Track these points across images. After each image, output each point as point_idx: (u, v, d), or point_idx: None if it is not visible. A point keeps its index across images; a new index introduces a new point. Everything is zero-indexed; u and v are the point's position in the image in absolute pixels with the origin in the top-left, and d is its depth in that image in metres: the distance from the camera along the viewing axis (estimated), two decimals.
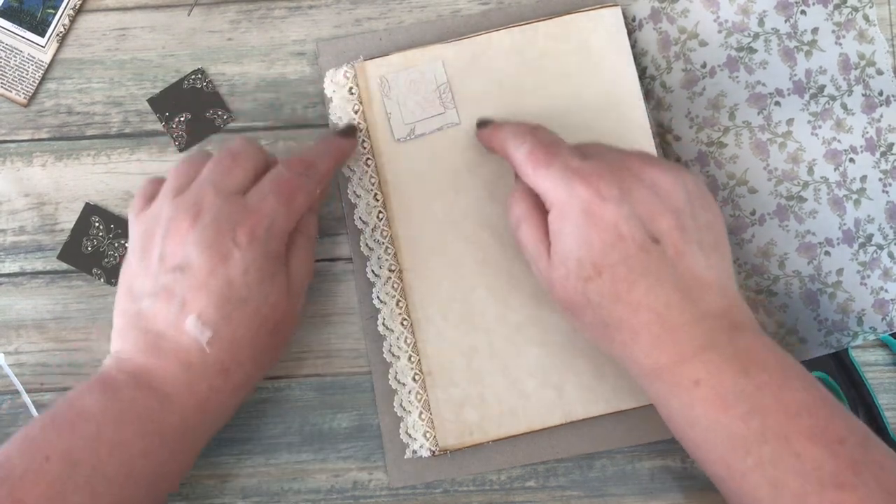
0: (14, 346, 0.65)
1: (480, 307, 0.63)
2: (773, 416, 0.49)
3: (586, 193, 0.52)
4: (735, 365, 0.51)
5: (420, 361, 0.63)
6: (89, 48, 0.67)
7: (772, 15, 0.63)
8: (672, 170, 0.54)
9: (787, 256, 0.63)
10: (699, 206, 0.54)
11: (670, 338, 0.52)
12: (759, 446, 0.49)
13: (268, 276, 0.54)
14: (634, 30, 0.65)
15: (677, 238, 0.52)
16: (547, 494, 0.64)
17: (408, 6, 0.67)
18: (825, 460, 0.48)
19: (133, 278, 0.56)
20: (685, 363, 0.52)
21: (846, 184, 0.63)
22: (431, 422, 0.62)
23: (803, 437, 0.48)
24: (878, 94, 0.64)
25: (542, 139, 0.56)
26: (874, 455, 0.48)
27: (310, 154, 0.59)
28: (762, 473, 0.49)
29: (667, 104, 0.65)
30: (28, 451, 0.51)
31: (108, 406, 0.52)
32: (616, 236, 0.52)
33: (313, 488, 0.64)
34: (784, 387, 0.50)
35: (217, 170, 0.56)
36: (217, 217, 0.53)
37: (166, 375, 0.54)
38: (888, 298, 0.62)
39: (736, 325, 0.52)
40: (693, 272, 0.52)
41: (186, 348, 0.54)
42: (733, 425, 0.50)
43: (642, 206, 0.52)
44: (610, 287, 0.52)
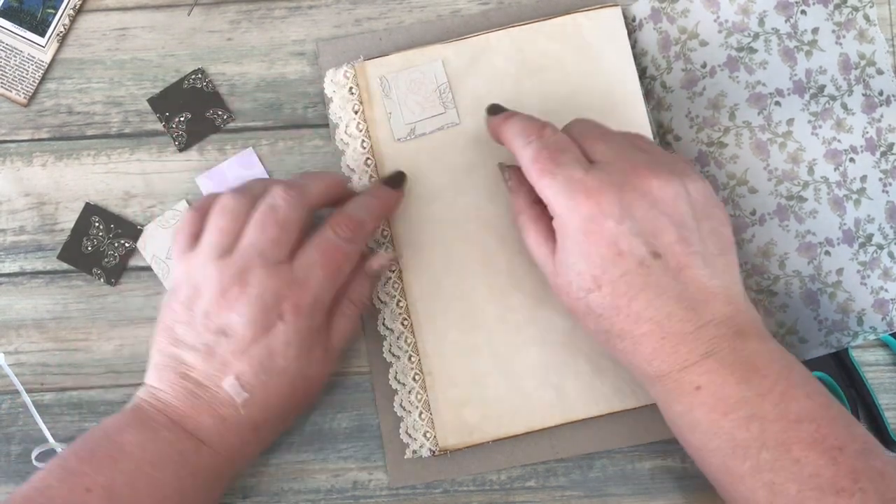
0: (14, 346, 0.65)
1: (480, 307, 0.63)
2: (773, 423, 0.50)
3: (587, 208, 0.52)
4: (737, 372, 0.51)
5: (420, 361, 0.63)
6: (89, 48, 0.67)
7: (772, 15, 0.63)
8: (676, 179, 0.54)
9: (788, 256, 0.63)
10: (704, 215, 0.54)
11: (672, 347, 0.52)
12: (758, 452, 0.49)
13: (306, 350, 0.56)
14: (634, 30, 0.65)
15: (679, 251, 0.52)
16: (547, 494, 0.64)
17: (408, 6, 0.67)
18: (824, 467, 0.48)
19: (176, 322, 0.56)
20: (686, 370, 0.52)
21: (846, 184, 0.63)
22: (431, 422, 0.62)
23: (803, 444, 0.49)
24: (879, 94, 0.64)
25: (549, 143, 0.55)
26: (875, 463, 0.49)
27: (357, 210, 0.59)
28: (760, 478, 0.49)
29: (667, 104, 0.65)
30: (68, 481, 0.52)
31: (147, 446, 0.54)
32: (616, 252, 0.52)
33: (313, 488, 0.64)
34: (786, 394, 0.50)
35: (263, 238, 0.55)
36: (264, 292, 0.54)
37: (201, 424, 0.55)
38: (888, 298, 0.62)
39: (740, 331, 0.52)
40: (697, 283, 0.52)
41: (222, 403, 0.56)
42: (733, 430, 0.50)
43: (643, 223, 0.52)
44: (611, 300, 0.53)
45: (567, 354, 0.63)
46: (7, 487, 0.64)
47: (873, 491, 0.47)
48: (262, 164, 0.66)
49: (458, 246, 0.64)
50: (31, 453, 0.64)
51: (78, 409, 0.65)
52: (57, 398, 0.65)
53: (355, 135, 0.64)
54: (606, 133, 0.56)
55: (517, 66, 0.65)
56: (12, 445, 0.65)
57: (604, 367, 0.62)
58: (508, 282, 0.63)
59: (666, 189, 0.53)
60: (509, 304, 0.63)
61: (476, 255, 0.64)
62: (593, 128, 0.57)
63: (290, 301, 0.55)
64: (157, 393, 0.56)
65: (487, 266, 0.63)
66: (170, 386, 0.56)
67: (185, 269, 0.56)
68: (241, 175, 0.66)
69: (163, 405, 0.56)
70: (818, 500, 0.48)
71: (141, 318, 0.65)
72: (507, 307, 0.63)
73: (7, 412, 0.65)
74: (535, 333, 0.63)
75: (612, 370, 0.62)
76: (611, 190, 0.52)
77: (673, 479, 0.64)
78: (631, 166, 0.53)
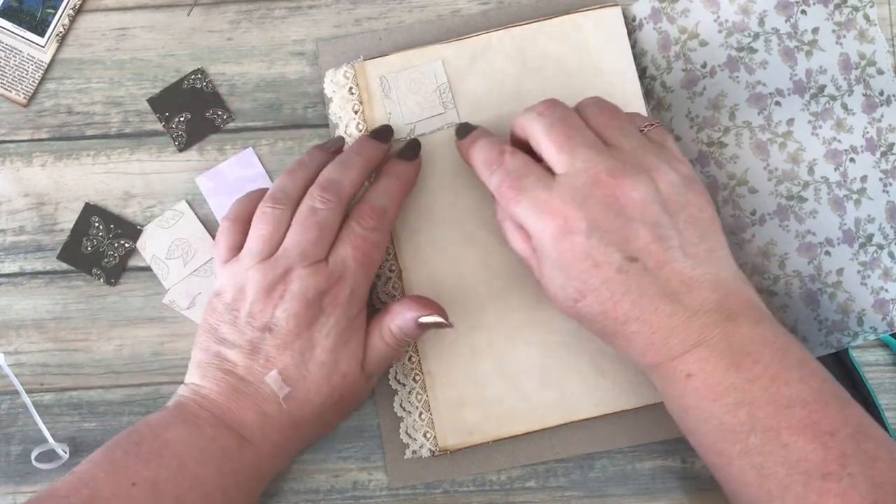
0: (14, 346, 0.65)
1: (480, 307, 0.63)
2: (762, 408, 0.50)
3: (555, 227, 0.53)
4: (726, 359, 0.52)
5: (420, 361, 0.63)
6: (89, 48, 0.67)
7: (772, 15, 0.63)
8: (643, 179, 0.54)
9: (788, 256, 0.63)
10: (678, 206, 0.54)
11: (662, 340, 0.53)
12: (747, 436, 0.50)
13: (343, 343, 0.58)
14: (634, 30, 0.65)
15: (656, 250, 0.53)
16: (547, 494, 0.64)
17: (408, 6, 0.67)
18: (812, 452, 0.49)
19: (220, 323, 0.58)
20: (678, 359, 0.53)
21: (846, 184, 0.63)
22: (431, 422, 0.62)
23: (792, 428, 0.49)
24: (879, 94, 0.64)
25: (510, 170, 0.56)
26: (867, 447, 0.49)
27: (378, 199, 0.60)
28: (749, 461, 0.50)
29: (667, 104, 0.65)
30: (114, 474, 0.53)
31: (191, 442, 0.55)
32: (592, 264, 0.53)
33: (313, 488, 0.64)
34: (778, 378, 0.51)
35: (304, 240, 0.57)
36: (307, 289, 0.56)
37: (244, 420, 0.57)
38: (888, 298, 0.62)
39: (731, 315, 0.53)
40: (680, 276, 0.53)
41: (265, 398, 0.57)
42: (722, 416, 0.51)
43: (612, 233, 0.53)
44: (597, 307, 0.54)
45: (567, 355, 0.63)
46: (7, 488, 0.64)
47: (862, 475, 0.48)
48: (262, 164, 0.66)
49: (458, 246, 0.64)
50: (31, 453, 0.64)
51: (78, 409, 0.65)
52: (57, 398, 0.65)
53: (355, 135, 0.64)
54: (565, 141, 0.55)
55: (517, 66, 0.65)
56: (12, 445, 0.65)
57: (604, 367, 0.62)
58: (508, 282, 0.63)
59: (633, 193, 0.53)
60: (509, 305, 0.63)
61: (476, 256, 0.63)
62: (553, 134, 0.56)
63: (330, 295, 0.57)
64: (200, 390, 0.57)
65: (487, 266, 0.63)
66: (214, 383, 0.57)
67: (229, 275, 0.58)
68: (240, 175, 0.66)
69: (206, 401, 0.57)
70: (805, 484, 0.48)
71: (141, 319, 0.65)
72: (506, 307, 0.63)
73: (7, 412, 0.65)
74: (535, 334, 0.63)
75: (612, 370, 0.62)
76: (573, 208, 0.53)
77: (673, 479, 0.64)
78: (592, 178, 0.53)
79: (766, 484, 0.50)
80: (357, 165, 0.60)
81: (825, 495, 0.48)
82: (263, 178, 0.66)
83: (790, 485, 0.49)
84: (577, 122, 0.56)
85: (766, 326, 0.53)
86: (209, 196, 0.66)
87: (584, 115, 0.57)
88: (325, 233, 0.57)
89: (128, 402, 0.65)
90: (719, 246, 0.55)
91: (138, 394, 0.65)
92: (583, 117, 0.57)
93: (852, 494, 0.47)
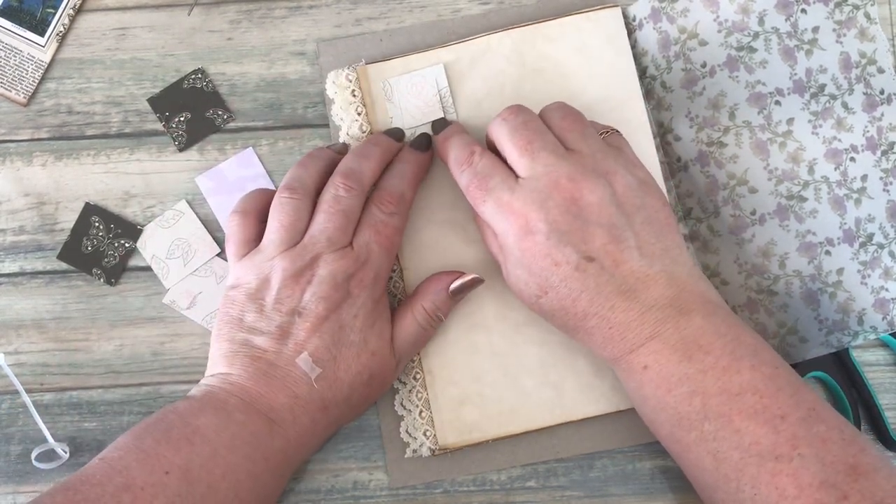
0: (14, 346, 0.65)
1: (480, 306, 0.63)
2: (714, 396, 0.52)
3: (517, 228, 0.56)
4: (679, 351, 0.54)
5: (420, 360, 0.63)
6: (89, 48, 0.67)
7: (772, 14, 0.63)
8: (600, 183, 0.56)
9: (788, 256, 0.63)
10: (634, 208, 0.57)
11: (620, 335, 0.55)
12: (701, 423, 0.53)
13: (370, 323, 0.59)
14: (634, 29, 0.66)
15: (613, 251, 0.55)
16: (547, 494, 0.64)
17: (408, 6, 0.67)
18: (764, 436, 0.51)
19: (244, 312, 0.58)
20: (634, 352, 0.55)
21: (847, 183, 0.63)
22: (431, 420, 0.62)
23: (743, 414, 0.52)
24: (880, 93, 0.64)
25: (477, 170, 0.58)
26: (818, 429, 0.51)
27: (395, 185, 0.62)
28: (705, 447, 0.53)
29: (667, 104, 0.65)
30: (147, 462, 0.52)
31: (221, 428, 0.55)
32: (551, 263, 0.55)
33: (313, 488, 0.64)
34: (729, 368, 0.53)
35: (331, 227, 0.59)
36: (333, 272, 0.58)
37: (273, 403, 0.57)
38: (889, 298, 0.62)
39: (684, 310, 0.55)
40: (635, 275, 0.55)
41: (295, 380, 0.57)
42: (677, 405, 0.54)
43: (571, 234, 0.55)
44: (557, 303, 0.56)
45: (566, 353, 0.63)
46: (7, 488, 0.64)
47: (812, 456, 0.50)
48: (262, 164, 0.66)
49: (459, 246, 0.64)
50: (31, 453, 0.64)
51: (78, 409, 0.65)
52: (57, 398, 0.65)
53: (358, 136, 0.64)
54: (526, 145, 0.57)
55: (517, 68, 0.65)
56: (12, 445, 0.65)
57: (603, 366, 0.62)
58: None
59: (590, 196, 0.55)
60: (509, 303, 0.63)
61: (476, 255, 0.64)
62: (515, 139, 0.58)
63: (356, 278, 0.58)
64: (229, 377, 0.57)
65: (487, 265, 0.63)
66: (243, 369, 0.57)
67: (248, 267, 0.59)
68: (241, 175, 0.66)
69: (235, 387, 0.57)
70: (758, 465, 0.50)
71: (141, 318, 0.65)
72: (506, 306, 0.63)
73: (7, 412, 0.65)
74: (535, 332, 0.63)
75: (612, 369, 0.62)
76: (534, 209, 0.55)
77: (673, 479, 0.64)
78: (552, 181, 0.56)
79: (722, 468, 0.52)
80: (375, 156, 0.62)
81: (777, 476, 0.50)
82: (263, 177, 0.66)
83: (744, 467, 0.51)
84: (540, 126, 0.59)
85: (719, 318, 0.55)
86: (209, 196, 0.66)
87: (547, 119, 0.60)
88: (349, 219, 0.59)
89: (128, 402, 0.65)
90: (675, 245, 0.57)
91: (138, 394, 0.65)
92: (546, 122, 0.59)
93: (803, 473, 0.49)
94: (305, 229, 0.59)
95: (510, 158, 0.58)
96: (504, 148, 0.58)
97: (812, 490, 0.49)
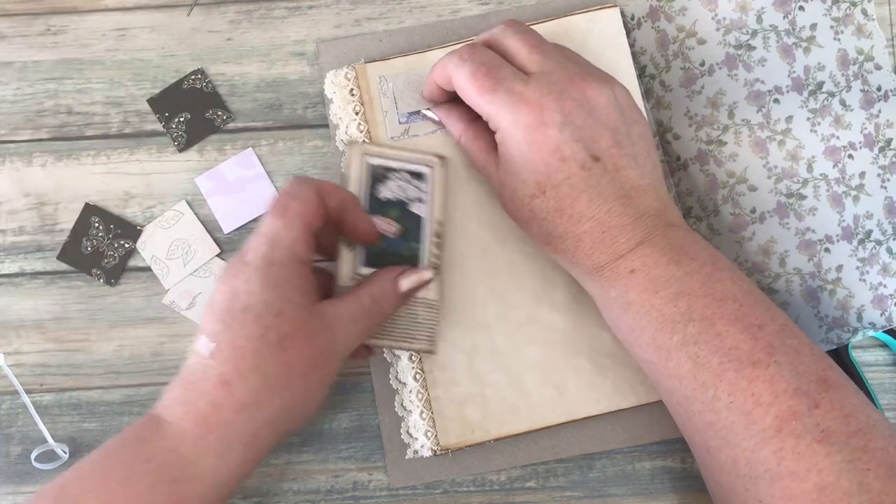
0: (14, 346, 0.65)
1: (481, 305, 0.63)
2: (699, 299, 0.53)
3: (530, 119, 0.55)
4: (667, 255, 0.55)
5: (421, 360, 0.63)
6: (89, 48, 0.67)
7: (770, 12, 0.64)
8: (607, 86, 0.57)
9: (788, 254, 0.63)
10: (631, 120, 0.57)
11: (611, 239, 0.55)
12: (685, 326, 0.53)
13: (272, 285, 0.53)
14: (633, 28, 0.66)
15: (615, 154, 0.55)
16: (547, 495, 0.64)
17: (408, 6, 0.67)
18: (743, 341, 0.52)
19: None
20: (623, 258, 0.55)
21: (845, 180, 0.63)
22: (433, 421, 0.62)
23: (725, 319, 0.53)
24: (877, 90, 0.64)
25: (484, 60, 0.57)
26: (791, 342, 0.52)
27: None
28: (686, 351, 0.53)
29: (666, 103, 0.65)
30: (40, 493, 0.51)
31: (109, 445, 0.51)
32: (559, 158, 0.55)
33: (313, 489, 0.64)
34: (712, 276, 0.54)
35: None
36: (233, 258, 0.54)
37: (167, 401, 0.52)
38: (887, 294, 0.62)
39: (670, 223, 0.56)
40: (631, 182, 0.56)
41: (191, 369, 0.52)
42: (663, 307, 0.54)
43: (583, 129, 0.55)
44: (554, 203, 0.56)
45: (567, 353, 0.63)
46: (7, 488, 0.64)
47: (787, 364, 0.51)
48: (262, 165, 0.66)
49: (459, 245, 0.64)
50: (31, 454, 0.64)
51: (78, 409, 0.65)
52: (57, 399, 0.65)
53: (356, 136, 0.64)
54: (538, 44, 0.58)
55: None
56: (12, 446, 0.65)
57: (604, 365, 0.62)
58: (508, 280, 0.63)
59: (599, 97, 0.56)
60: (509, 303, 0.63)
61: (476, 254, 0.64)
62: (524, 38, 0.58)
63: (251, 247, 0.54)
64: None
65: (487, 264, 0.63)
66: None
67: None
68: (240, 175, 0.66)
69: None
70: (737, 370, 0.51)
71: (141, 319, 0.65)
72: (507, 305, 0.63)
73: (7, 412, 0.65)
74: (536, 332, 0.63)
75: (613, 368, 0.62)
76: (551, 100, 0.55)
77: (673, 480, 0.64)
78: (567, 76, 0.56)
79: (700, 374, 0.53)
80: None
81: (755, 381, 0.51)
82: (263, 178, 0.66)
83: (723, 372, 0.52)
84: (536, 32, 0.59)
85: (699, 236, 0.57)
86: (209, 196, 0.66)
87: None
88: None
89: (128, 402, 0.65)
90: (658, 167, 0.58)
91: (138, 394, 0.65)
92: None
93: (778, 380, 0.51)
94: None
95: (520, 56, 0.57)
96: (510, 48, 0.58)
97: (786, 397, 0.50)
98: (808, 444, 0.49)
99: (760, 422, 0.50)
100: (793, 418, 0.50)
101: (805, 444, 0.49)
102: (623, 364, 0.63)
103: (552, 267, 0.63)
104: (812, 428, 0.49)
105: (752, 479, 0.51)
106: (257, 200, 0.66)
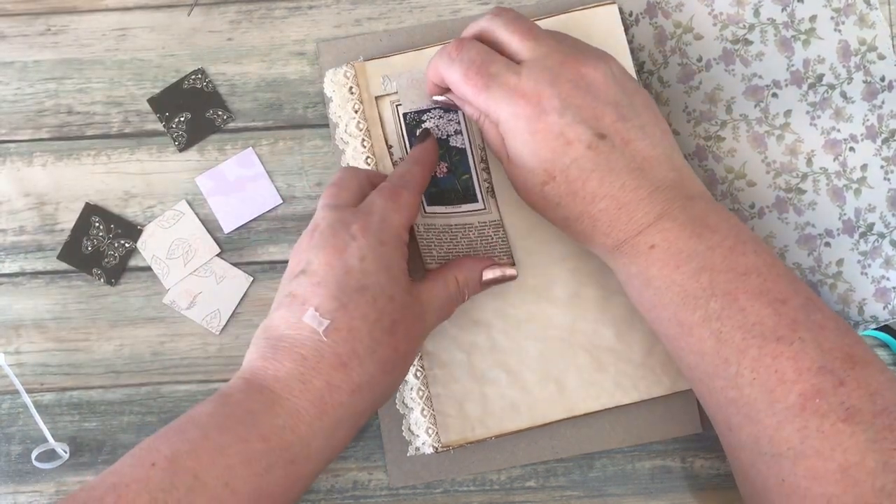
0: (14, 346, 0.65)
1: (480, 303, 0.63)
2: (721, 274, 0.52)
3: (529, 110, 0.55)
4: (688, 229, 0.54)
5: (422, 358, 0.63)
6: (89, 48, 0.67)
7: (767, 5, 0.63)
8: (602, 62, 0.56)
9: (787, 249, 0.63)
10: (632, 90, 0.57)
11: (628, 215, 0.55)
12: (707, 301, 0.52)
13: (384, 267, 0.54)
14: (631, 25, 0.66)
15: (621, 128, 0.55)
16: (547, 494, 0.64)
17: (408, 6, 0.67)
18: (767, 317, 0.51)
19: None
20: (642, 233, 0.55)
21: (846, 173, 0.63)
22: (433, 418, 0.62)
23: (749, 294, 0.52)
24: (880, 80, 0.63)
25: (473, 57, 0.57)
26: (815, 317, 0.51)
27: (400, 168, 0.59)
28: (708, 327, 0.52)
29: (664, 99, 0.65)
30: (139, 457, 0.49)
31: (215, 411, 0.51)
32: (564, 143, 0.54)
33: (313, 488, 0.64)
34: (735, 249, 0.53)
35: (326, 195, 0.57)
36: (332, 223, 0.54)
37: (279, 373, 0.52)
38: (890, 287, 0.62)
39: (689, 195, 0.55)
40: (641, 154, 0.55)
41: (302, 342, 0.52)
42: (685, 283, 0.53)
43: (583, 110, 0.54)
44: (565, 187, 0.55)
45: (567, 349, 0.63)
46: (7, 488, 0.64)
47: (811, 340, 0.50)
48: (262, 164, 0.66)
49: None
50: (32, 453, 0.64)
51: (78, 409, 0.65)
52: (57, 398, 0.65)
53: (355, 134, 0.64)
54: (528, 30, 0.57)
55: None
56: (12, 445, 0.65)
57: (604, 361, 0.62)
58: None
59: (595, 73, 0.55)
60: (509, 300, 0.63)
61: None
62: (513, 26, 0.58)
63: (359, 223, 0.54)
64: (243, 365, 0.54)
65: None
66: (256, 352, 0.53)
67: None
68: (241, 175, 0.66)
69: (245, 371, 0.53)
70: (760, 347, 0.51)
71: (141, 318, 0.65)
72: (507, 303, 0.63)
73: (7, 412, 0.65)
74: (536, 329, 0.63)
75: (613, 365, 0.62)
76: (546, 87, 0.55)
77: (673, 479, 0.64)
78: (560, 59, 0.55)
79: (723, 350, 0.52)
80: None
81: (779, 357, 0.50)
82: (264, 177, 0.66)
83: (746, 348, 0.51)
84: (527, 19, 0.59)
85: (720, 206, 0.56)
86: (209, 196, 0.66)
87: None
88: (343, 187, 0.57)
89: (128, 402, 0.65)
90: (669, 134, 0.57)
91: (138, 394, 0.65)
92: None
93: (802, 357, 0.50)
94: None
95: (511, 45, 0.57)
96: (501, 38, 0.58)
97: (811, 374, 0.49)
98: (833, 424, 0.48)
99: (784, 399, 0.50)
100: (817, 396, 0.49)
101: (829, 424, 0.48)
102: (623, 360, 0.62)
103: (551, 263, 0.63)
104: (837, 407, 0.49)
105: (773, 456, 0.50)
106: (257, 200, 0.66)
